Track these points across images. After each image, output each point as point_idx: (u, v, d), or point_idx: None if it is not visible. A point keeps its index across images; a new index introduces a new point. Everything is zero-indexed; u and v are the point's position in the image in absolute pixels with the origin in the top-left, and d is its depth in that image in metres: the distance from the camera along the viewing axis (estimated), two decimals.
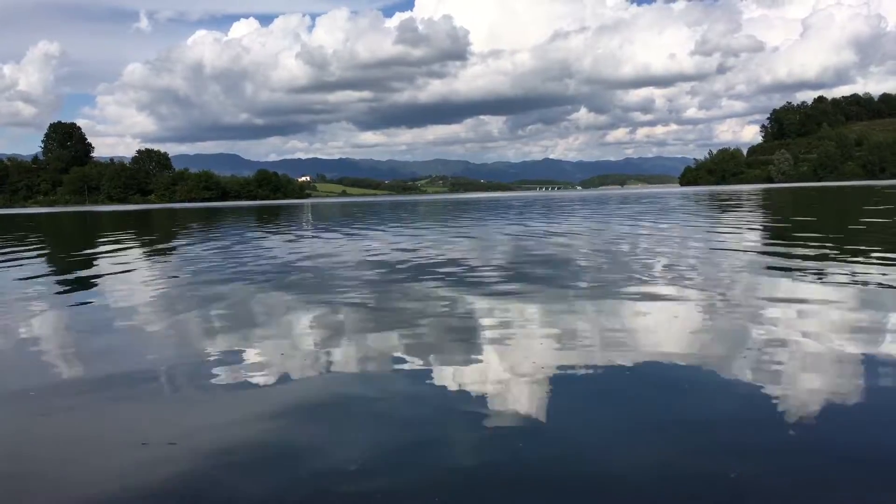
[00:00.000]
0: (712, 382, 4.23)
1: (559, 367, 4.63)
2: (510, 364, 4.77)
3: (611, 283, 8.30)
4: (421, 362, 4.89)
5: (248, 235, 21.56)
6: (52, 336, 6.39)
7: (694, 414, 3.68)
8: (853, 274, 8.23)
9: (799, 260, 10.05)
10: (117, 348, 5.77)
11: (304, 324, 6.49)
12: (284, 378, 4.66)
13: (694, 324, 5.88)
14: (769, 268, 9.35)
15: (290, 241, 18.38)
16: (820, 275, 8.35)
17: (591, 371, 4.52)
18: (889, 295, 6.82)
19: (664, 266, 9.77)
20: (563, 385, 4.26)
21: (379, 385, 4.46)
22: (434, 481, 2.93)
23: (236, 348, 5.56)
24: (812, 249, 11.39)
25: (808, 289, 7.37)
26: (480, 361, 4.87)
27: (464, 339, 5.55)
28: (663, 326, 5.80)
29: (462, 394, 4.15)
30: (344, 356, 5.20)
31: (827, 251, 11.09)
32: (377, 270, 10.46)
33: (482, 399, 4.03)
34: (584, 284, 8.26)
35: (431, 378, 4.52)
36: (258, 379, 4.65)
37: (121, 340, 6.09)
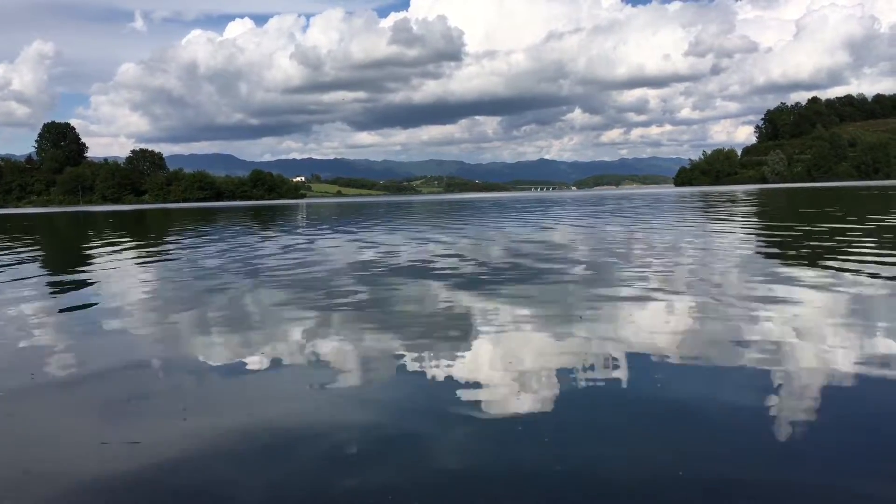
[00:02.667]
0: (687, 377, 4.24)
1: (537, 366, 4.64)
2: (499, 361, 4.79)
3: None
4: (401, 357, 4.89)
5: (239, 233, 21.59)
6: (25, 336, 6.29)
7: (686, 413, 3.65)
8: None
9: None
10: (90, 348, 5.75)
11: (279, 320, 6.45)
12: (257, 376, 4.63)
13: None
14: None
15: (284, 240, 18.38)
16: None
17: (574, 369, 4.52)
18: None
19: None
20: (551, 383, 4.25)
21: (358, 381, 4.43)
22: (428, 479, 2.91)
23: (209, 347, 5.54)
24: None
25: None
26: (467, 358, 4.87)
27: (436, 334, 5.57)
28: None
29: (455, 391, 4.14)
30: (322, 351, 5.15)
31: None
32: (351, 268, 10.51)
33: (477, 397, 4.01)
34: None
35: (417, 373, 4.52)
36: (232, 377, 4.63)
37: (92, 340, 6.08)
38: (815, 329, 5.45)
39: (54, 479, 3.06)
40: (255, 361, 5.01)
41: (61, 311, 7.67)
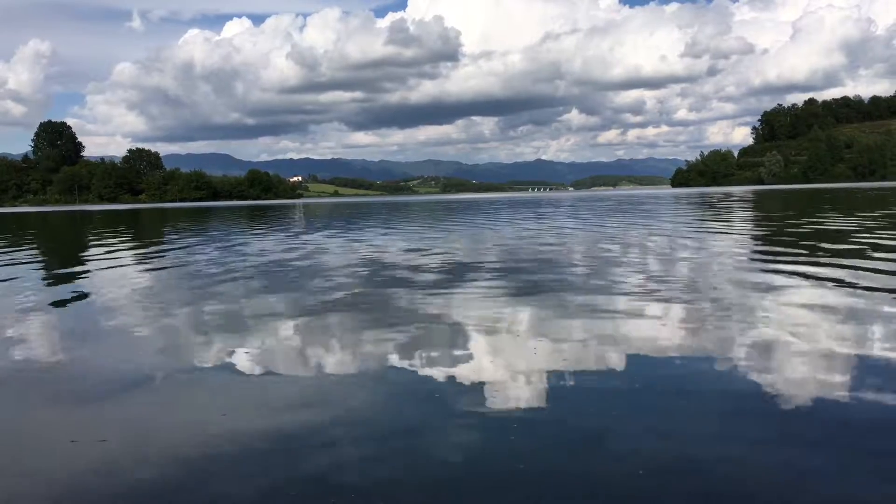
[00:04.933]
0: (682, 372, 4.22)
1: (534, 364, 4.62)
2: (498, 362, 4.76)
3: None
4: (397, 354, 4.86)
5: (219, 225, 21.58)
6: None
7: (680, 407, 3.65)
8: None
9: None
10: (58, 347, 5.73)
11: (256, 315, 6.39)
12: (227, 373, 4.59)
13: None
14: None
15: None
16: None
17: (571, 368, 4.50)
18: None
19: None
20: (549, 382, 4.23)
21: (344, 379, 4.40)
22: (424, 477, 2.88)
23: (181, 344, 5.52)
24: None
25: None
26: (468, 358, 4.83)
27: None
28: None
29: (452, 391, 4.09)
30: (295, 346, 5.11)
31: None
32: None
33: (474, 396, 3.97)
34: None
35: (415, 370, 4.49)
36: (203, 375, 4.59)
37: (62, 338, 6.06)
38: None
39: (23, 477, 3.04)
40: (226, 358, 4.97)
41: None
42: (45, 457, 3.26)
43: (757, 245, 13.24)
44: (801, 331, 5.33)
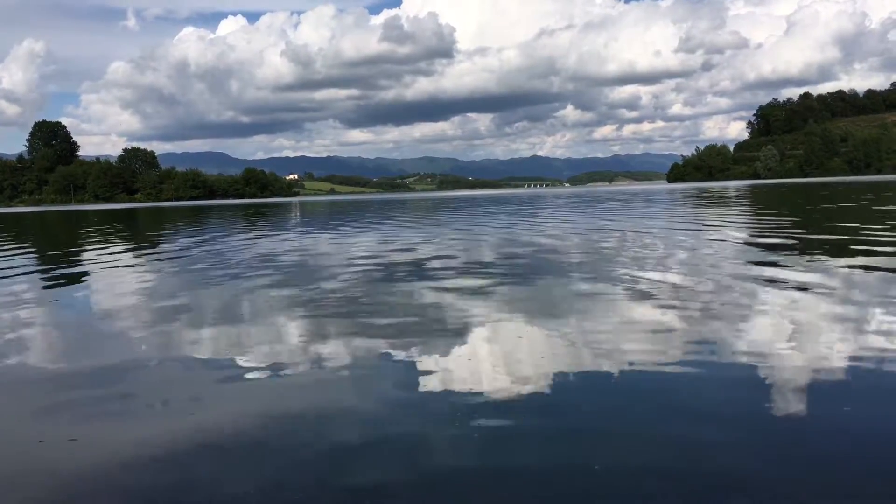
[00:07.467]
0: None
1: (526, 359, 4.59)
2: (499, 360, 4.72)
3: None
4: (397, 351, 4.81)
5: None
6: None
7: (684, 407, 3.57)
8: None
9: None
10: (26, 342, 5.68)
11: (240, 312, 6.34)
12: (206, 371, 4.52)
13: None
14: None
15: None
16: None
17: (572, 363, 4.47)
18: None
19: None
20: (550, 379, 4.16)
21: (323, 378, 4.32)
22: (425, 478, 2.81)
23: (156, 339, 5.47)
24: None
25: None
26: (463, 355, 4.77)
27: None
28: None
29: (452, 389, 3.99)
30: (281, 343, 5.03)
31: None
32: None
33: (474, 395, 3.86)
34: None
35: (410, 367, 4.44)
36: (181, 371, 4.54)
37: (30, 333, 6.02)
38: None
39: None
40: (205, 355, 4.92)
41: None
42: (11, 458, 3.17)
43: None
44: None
